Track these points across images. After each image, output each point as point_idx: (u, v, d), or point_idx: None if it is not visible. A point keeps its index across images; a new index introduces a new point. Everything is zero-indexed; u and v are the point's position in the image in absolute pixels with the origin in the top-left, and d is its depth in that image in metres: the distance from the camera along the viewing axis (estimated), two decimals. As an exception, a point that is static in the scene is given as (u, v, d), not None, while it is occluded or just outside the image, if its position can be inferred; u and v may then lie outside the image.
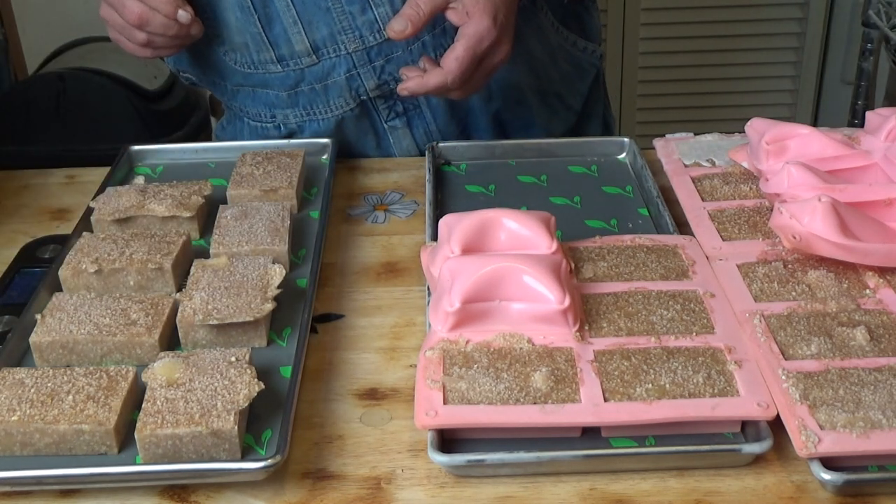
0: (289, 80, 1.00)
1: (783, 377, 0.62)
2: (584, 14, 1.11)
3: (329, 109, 1.01)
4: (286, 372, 0.67)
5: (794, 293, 0.71)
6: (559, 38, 1.08)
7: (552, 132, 1.08)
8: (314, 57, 0.97)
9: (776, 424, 0.60)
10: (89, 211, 0.84)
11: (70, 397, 0.61)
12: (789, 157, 0.81)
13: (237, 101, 1.06)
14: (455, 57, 0.84)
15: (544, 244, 0.70)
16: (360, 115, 1.02)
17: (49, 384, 0.62)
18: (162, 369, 0.63)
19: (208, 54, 1.03)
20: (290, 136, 1.04)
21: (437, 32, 0.96)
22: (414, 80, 0.87)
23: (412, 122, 1.03)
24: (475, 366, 0.63)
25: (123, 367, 0.64)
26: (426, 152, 0.95)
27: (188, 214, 0.83)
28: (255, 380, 0.62)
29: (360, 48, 0.96)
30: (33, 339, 0.68)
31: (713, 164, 0.90)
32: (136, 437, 0.59)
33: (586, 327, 0.67)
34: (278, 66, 0.99)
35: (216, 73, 1.04)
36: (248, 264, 0.74)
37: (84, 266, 0.74)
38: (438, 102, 1.02)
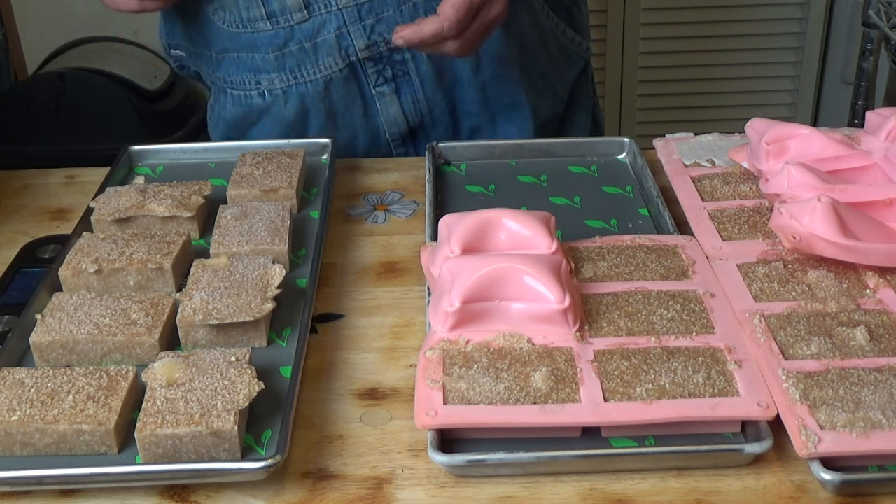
0: (277, 40, 1.00)
1: (783, 377, 0.62)
2: (572, 7, 1.12)
3: (317, 70, 1.00)
4: (286, 372, 0.67)
5: (794, 293, 0.71)
6: (549, 23, 1.08)
7: (538, 115, 1.08)
8: (305, 13, 0.97)
9: (776, 424, 0.60)
10: (89, 211, 0.84)
11: (70, 397, 0.61)
12: (789, 157, 0.81)
13: (221, 70, 1.05)
14: (452, 3, 0.84)
15: (544, 244, 0.70)
16: (348, 78, 1.01)
17: (49, 384, 0.62)
18: (162, 369, 0.63)
19: (196, 14, 1.02)
20: (272, 104, 1.03)
21: None
22: (409, 28, 0.86)
23: (400, 88, 1.03)
24: (475, 366, 0.63)
25: (123, 367, 0.64)
26: (426, 152, 0.95)
27: (188, 214, 0.83)
28: (255, 380, 0.62)
29: (351, 4, 0.96)
30: (33, 339, 0.68)
31: (713, 164, 0.90)
32: (136, 437, 0.59)
33: (586, 327, 0.67)
34: (267, 23, 0.98)
35: (203, 39, 1.04)
36: (248, 264, 0.74)
37: (84, 266, 0.74)
38: (427, 70, 1.02)
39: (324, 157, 0.97)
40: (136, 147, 0.98)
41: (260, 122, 1.06)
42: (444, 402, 0.61)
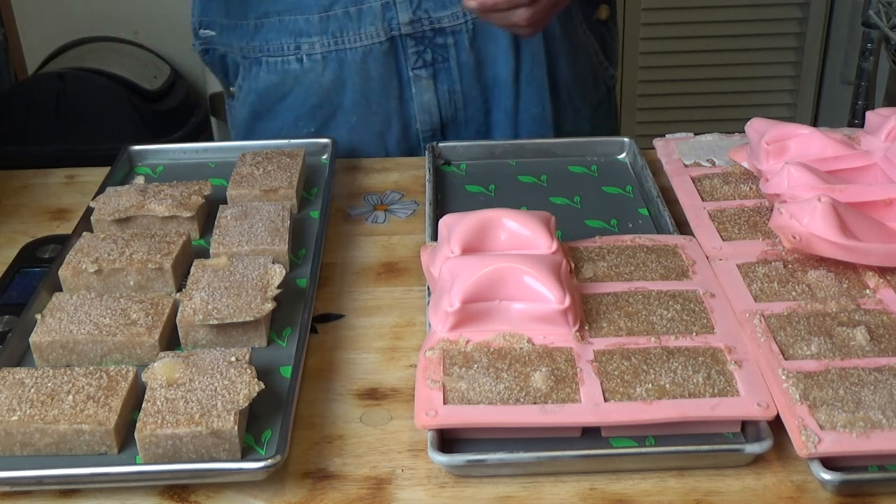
0: (324, 1, 1.00)
1: (783, 377, 0.62)
2: (605, 34, 1.13)
3: (359, 38, 1.00)
4: (286, 372, 0.67)
5: (794, 293, 0.71)
6: (585, 40, 1.09)
7: (559, 131, 1.08)
8: None
9: (776, 424, 0.60)
10: (89, 211, 0.84)
11: (70, 397, 0.61)
12: (789, 157, 0.81)
13: (258, 38, 1.04)
14: None
15: (544, 244, 0.70)
16: (387, 53, 1.01)
17: (49, 384, 0.62)
18: (162, 369, 0.63)
19: None
20: (310, 70, 1.03)
21: None
22: None
23: (438, 75, 1.03)
24: (475, 366, 0.63)
25: (123, 367, 0.64)
26: (426, 152, 0.95)
27: (188, 214, 0.83)
28: (255, 380, 0.62)
29: None
30: (33, 339, 0.68)
31: (713, 164, 0.90)
32: (136, 437, 0.59)
33: (586, 327, 0.67)
34: None
35: (241, 6, 1.03)
36: (248, 264, 0.74)
37: (84, 266, 0.74)
38: (467, 60, 1.02)
39: (324, 157, 0.97)
40: (136, 147, 0.98)
41: (293, 93, 1.05)
42: (444, 402, 0.61)
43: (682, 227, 0.82)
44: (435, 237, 0.77)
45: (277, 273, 0.73)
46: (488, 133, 1.08)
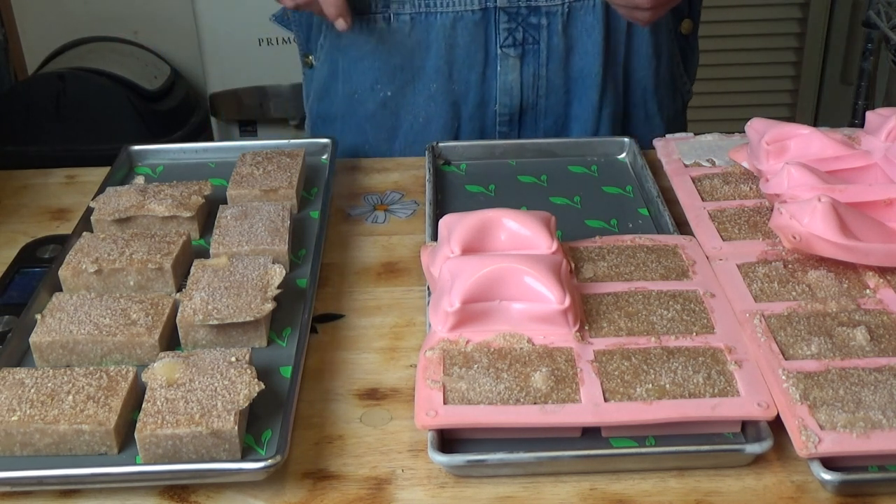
0: None
1: (783, 377, 0.62)
2: (686, 49, 1.13)
3: (451, 3, 0.99)
4: (286, 372, 0.67)
5: (794, 293, 0.71)
6: (670, 48, 1.09)
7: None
8: None
9: (776, 424, 0.60)
10: (89, 211, 0.84)
11: (70, 397, 0.61)
12: (789, 157, 0.81)
13: None
14: None
15: (544, 244, 0.70)
16: (477, 24, 1.00)
17: (49, 384, 0.62)
18: (162, 369, 0.63)
19: None
20: (396, 32, 1.01)
21: None
22: None
23: (526, 56, 1.01)
24: (475, 366, 0.63)
25: (123, 367, 0.64)
26: (426, 152, 0.95)
27: (188, 214, 0.83)
28: (255, 380, 0.62)
29: None
30: (33, 339, 0.68)
31: (713, 164, 0.90)
32: (136, 437, 0.59)
33: (586, 327, 0.67)
34: None
35: None
36: (248, 264, 0.74)
37: (84, 266, 0.74)
38: (558, 45, 1.01)
39: (324, 157, 0.97)
40: (136, 147, 0.98)
41: (375, 53, 1.04)
42: (445, 403, 0.61)
43: (682, 227, 0.82)
44: (435, 237, 0.77)
45: (277, 273, 0.73)
46: (566, 127, 1.06)
